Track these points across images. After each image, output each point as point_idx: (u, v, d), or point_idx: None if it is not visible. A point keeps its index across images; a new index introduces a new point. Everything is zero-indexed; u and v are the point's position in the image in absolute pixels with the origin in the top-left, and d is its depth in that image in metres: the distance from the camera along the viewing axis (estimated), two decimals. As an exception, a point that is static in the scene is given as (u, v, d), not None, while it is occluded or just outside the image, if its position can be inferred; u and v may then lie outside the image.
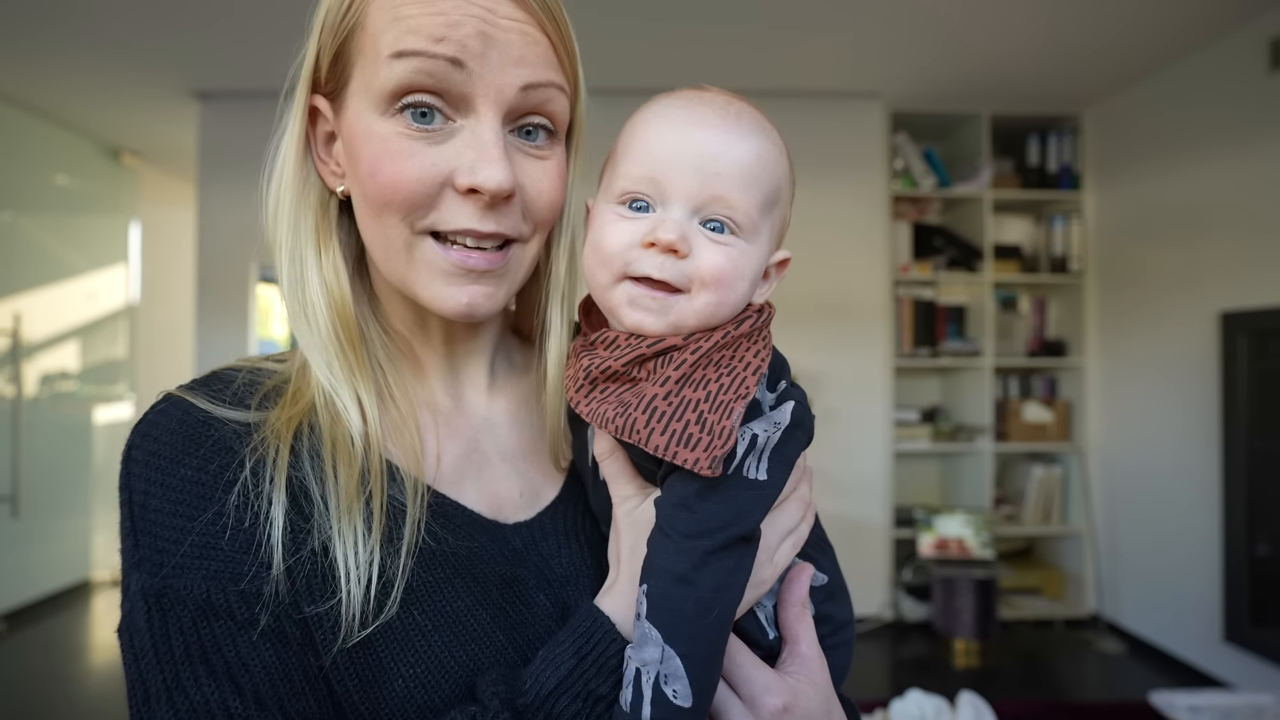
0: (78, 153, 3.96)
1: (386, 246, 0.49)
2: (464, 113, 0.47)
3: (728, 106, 0.48)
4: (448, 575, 0.48)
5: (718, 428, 0.42)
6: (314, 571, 0.45)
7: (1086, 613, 3.45)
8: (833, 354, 3.49)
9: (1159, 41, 2.85)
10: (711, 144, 0.46)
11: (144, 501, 0.44)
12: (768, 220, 0.49)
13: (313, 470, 0.47)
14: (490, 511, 0.53)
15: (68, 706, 2.70)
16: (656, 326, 0.47)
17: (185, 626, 0.42)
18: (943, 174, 3.55)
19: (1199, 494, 2.89)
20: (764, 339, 0.49)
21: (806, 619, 0.50)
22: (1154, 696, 2.51)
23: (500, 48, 0.46)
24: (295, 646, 0.44)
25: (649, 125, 0.48)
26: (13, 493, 3.44)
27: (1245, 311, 2.67)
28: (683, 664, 0.41)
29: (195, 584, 0.43)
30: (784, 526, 0.50)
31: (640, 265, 0.46)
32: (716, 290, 0.46)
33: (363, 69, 0.47)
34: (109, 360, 4.21)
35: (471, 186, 0.46)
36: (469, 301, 0.48)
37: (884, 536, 3.45)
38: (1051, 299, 3.72)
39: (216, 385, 0.49)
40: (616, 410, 0.45)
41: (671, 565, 0.43)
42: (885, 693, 2.64)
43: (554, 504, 0.56)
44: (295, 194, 0.51)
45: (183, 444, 0.45)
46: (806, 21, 2.77)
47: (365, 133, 0.47)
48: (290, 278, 0.51)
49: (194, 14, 2.67)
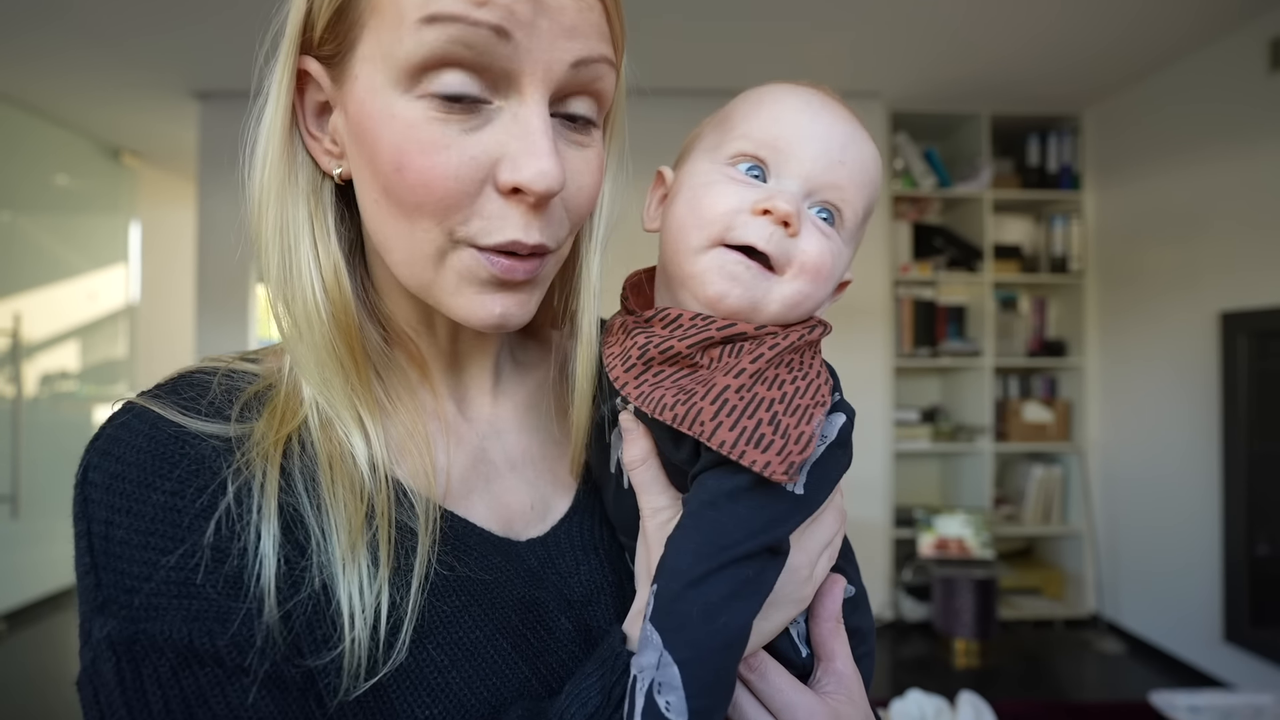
0: (77, 152, 3.96)
1: (411, 250, 0.41)
2: (504, 93, 0.39)
3: (848, 111, 0.47)
4: (463, 604, 0.43)
5: (794, 431, 0.39)
6: (315, 615, 0.39)
7: (1086, 613, 3.45)
8: (832, 354, 3.39)
9: (1159, 41, 2.85)
10: (842, 133, 0.45)
11: (106, 533, 0.37)
12: (862, 228, 0.48)
13: (308, 495, 0.41)
14: (501, 527, 0.48)
15: (67, 706, 2.70)
16: (739, 302, 0.43)
17: (163, 677, 0.36)
18: (943, 174, 3.55)
19: (1199, 494, 2.89)
20: (820, 354, 0.47)
21: (841, 635, 0.47)
22: (1154, 696, 2.51)
23: (552, 14, 0.38)
24: (296, 692, 0.38)
25: (781, 99, 0.46)
26: (13, 493, 3.44)
27: (1245, 311, 2.67)
28: (680, 673, 0.37)
29: (174, 627, 0.36)
30: (823, 539, 0.47)
31: (746, 232, 0.42)
32: (813, 279, 0.44)
33: (378, 31, 0.38)
34: (109, 360, 4.21)
35: (516, 185, 0.39)
36: (502, 313, 0.42)
37: (884, 536, 3.45)
38: (1051, 299, 3.72)
39: (188, 392, 0.42)
40: (677, 397, 0.40)
41: (687, 566, 0.39)
42: (885, 693, 2.64)
43: (568, 516, 0.51)
44: (282, 178, 0.43)
45: (152, 464, 0.38)
46: (807, 21, 2.77)
47: (384, 114, 0.39)
48: (279, 278, 0.43)
49: (194, 13, 2.67)
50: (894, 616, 3.44)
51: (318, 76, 0.42)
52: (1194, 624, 2.91)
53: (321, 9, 0.40)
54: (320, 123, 0.44)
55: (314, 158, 0.44)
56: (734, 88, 0.50)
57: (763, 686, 0.44)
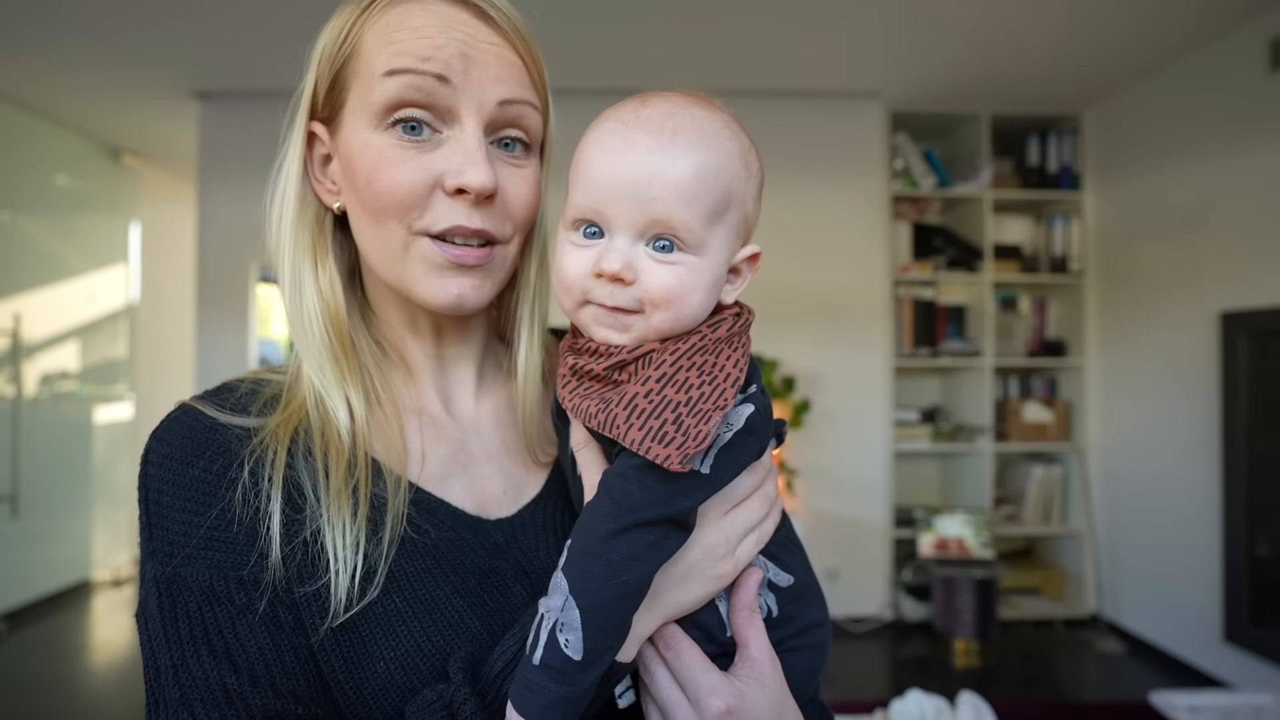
0: (77, 152, 3.96)
1: (385, 248, 0.53)
2: (449, 124, 0.52)
3: (664, 124, 0.48)
4: (428, 565, 0.52)
5: (694, 430, 0.44)
6: (306, 556, 0.49)
7: (1086, 613, 3.45)
8: (833, 354, 3.49)
9: (1159, 41, 2.85)
10: (644, 169, 0.47)
11: (158, 499, 0.49)
12: (719, 229, 0.50)
13: (306, 468, 0.51)
14: (475, 508, 0.57)
15: (68, 706, 2.70)
16: (623, 341, 0.49)
17: (191, 611, 0.47)
18: (943, 174, 3.55)
19: (1199, 494, 2.89)
20: (743, 345, 0.51)
21: (756, 622, 0.51)
22: (1154, 696, 2.51)
23: (480, 66, 0.52)
24: (288, 630, 0.48)
25: (589, 154, 0.49)
26: (13, 493, 3.44)
27: (1245, 311, 2.67)
28: (580, 616, 0.43)
29: (201, 573, 0.47)
30: (745, 523, 0.52)
31: (595, 294, 0.49)
32: (669, 308, 0.48)
33: (358, 90, 0.52)
34: (109, 360, 4.21)
35: (459, 186, 0.51)
36: (458, 293, 0.53)
37: (884, 536, 3.45)
38: (1051, 299, 3.72)
39: (223, 394, 0.54)
40: (599, 406, 0.47)
41: (596, 527, 0.45)
42: (885, 693, 2.64)
43: (536, 500, 0.60)
44: (295, 212, 0.56)
45: (192, 447, 0.50)
46: (807, 21, 2.77)
47: (361, 146, 0.52)
48: (291, 289, 0.56)
49: (194, 13, 2.67)
50: (894, 616, 3.44)
51: (321, 135, 0.56)
52: (1194, 624, 2.91)
53: (321, 83, 0.54)
54: (324, 169, 0.57)
55: (319, 197, 0.57)
56: (734, 89, 0.51)
57: (675, 663, 0.49)
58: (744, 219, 0.52)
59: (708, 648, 0.51)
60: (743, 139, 0.52)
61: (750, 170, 0.52)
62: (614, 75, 3.16)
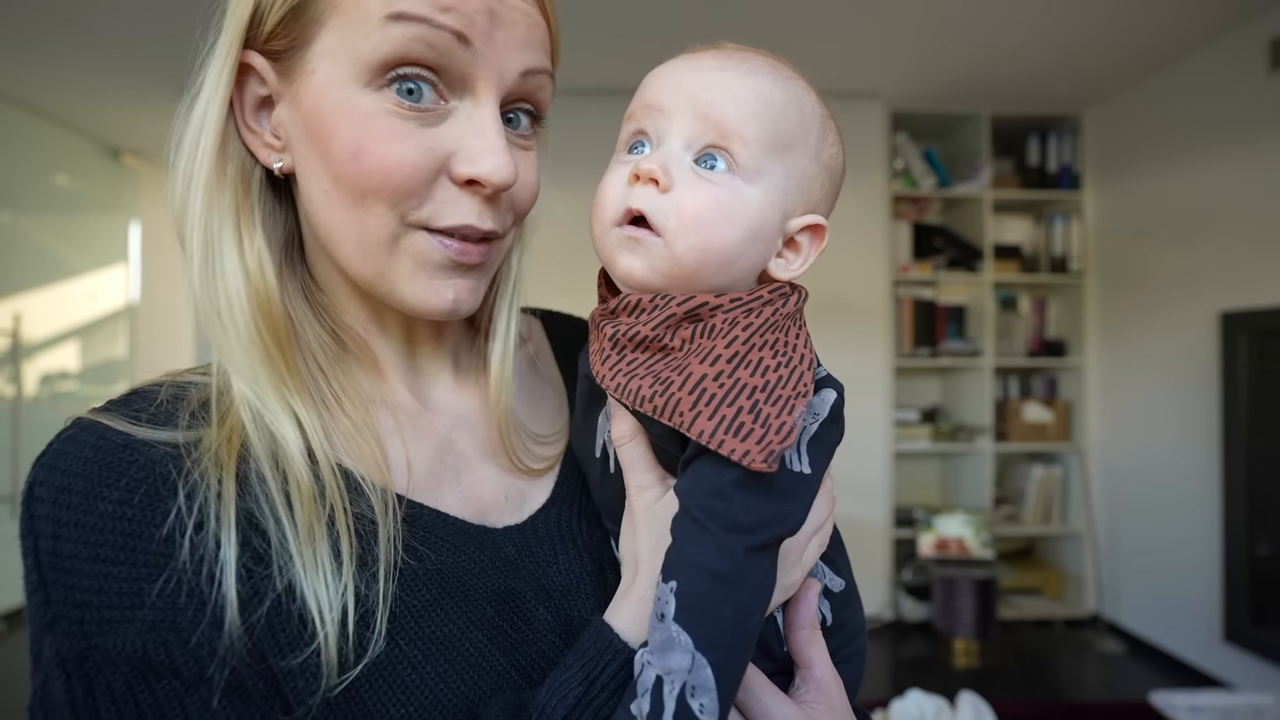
0: (77, 152, 3.96)
1: (363, 238, 0.42)
2: (459, 94, 0.42)
3: (733, 54, 0.45)
4: (435, 596, 0.42)
5: (775, 422, 0.37)
6: (280, 618, 0.37)
7: (1086, 613, 3.45)
8: (832, 354, 3.43)
9: (1159, 41, 2.85)
10: (705, 79, 0.43)
11: (54, 548, 0.35)
12: (778, 163, 0.44)
13: (263, 498, 0.39)
14: (475, 517, 0.47)
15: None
16: (643, 272, 0.42)
17: (117, 693, 0.34)
18: (943, 174, 3.55)
19: (1199, 494, 2.89)
20: (805, 325, 0.45)
21: (817, 640, 0.46)
22: (1154, 696, 2.51)
23: (506, 28, 0.42)
24: (259, 700, 0.36)
25: (656, 69, 0.45)
26: (13, 493, 3.44)
27: (1245, 311, 2.67)
28: (713, 675, 0.36)
29: (128, 639, 0.35)
30: (813, 523, 0.45)
31: (628, 200, 0.43)
32: (697, 233, 0.41)
33: (341, 29, 0.40)
34: (109, 360, 4.21)
35: (473, 176, 0.41)
36: (454, 298, 0.44)
37: (884, 536, 3.45)
38: (1051, 299, 3.72)
39: (136, 403, 0.41)
40: (654, 387, 0.39)
41: (710, 561, 0.37)
42: (885, 693, 2.64)
43: (545, 506, 0.51)
44: (212, 165, 0.43)
45: (99, 474, 0.37)
46: (806, 21, 2.77)
47: (342, 106, 0.40)
48: (202, 268, 0.43)
49: (194, 13, 2.67)
50: (894, 616, 3.44)
51: (262, 71, 0.43)
52: (1194, 624, 2.91)
53: (273, 6, 0.41)
54: (259, 116, 0.44)
55: (251, 150, 0.44)
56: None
57: (743, 696, 0.42)
58: (807, 173, 0.46)
59: (764, 665, 0.45)
60: (822, 108, 0.47)
61: (826, 138, 0.47)
62: (614, 75, 3.15)
